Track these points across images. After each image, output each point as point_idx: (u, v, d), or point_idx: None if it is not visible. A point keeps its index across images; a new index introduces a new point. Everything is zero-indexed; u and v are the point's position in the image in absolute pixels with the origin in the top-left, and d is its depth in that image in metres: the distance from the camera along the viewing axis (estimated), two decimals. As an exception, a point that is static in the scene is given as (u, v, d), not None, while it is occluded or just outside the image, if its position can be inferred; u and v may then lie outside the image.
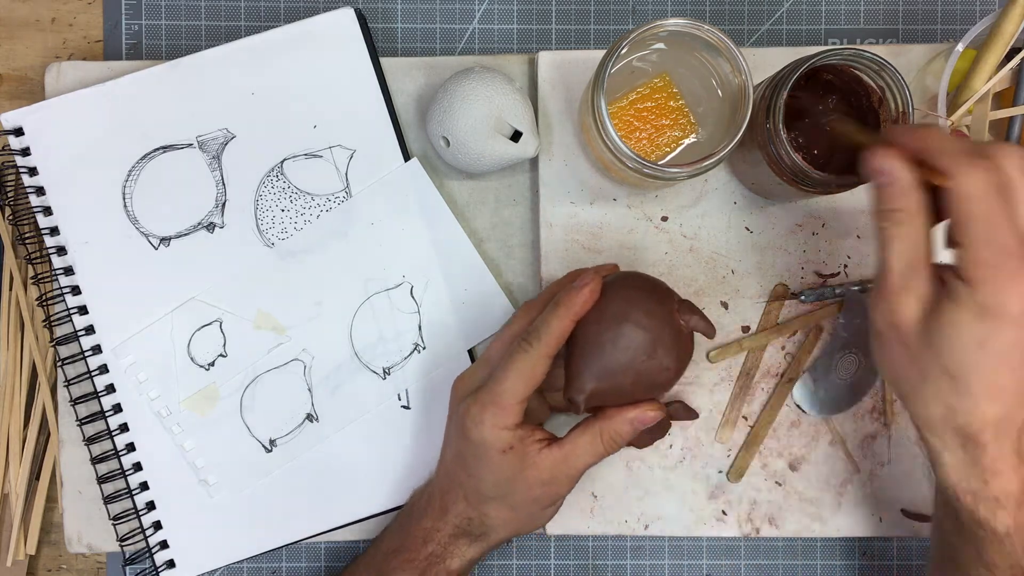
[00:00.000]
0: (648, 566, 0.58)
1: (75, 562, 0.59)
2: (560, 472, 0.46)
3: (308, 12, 0.59)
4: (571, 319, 0.45)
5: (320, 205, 0.56)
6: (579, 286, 0.45)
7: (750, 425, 0.55)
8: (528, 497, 0.47)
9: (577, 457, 0.46)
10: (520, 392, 0.45)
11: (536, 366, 0.45)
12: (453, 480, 0.49)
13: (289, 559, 0.58)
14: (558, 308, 0.45)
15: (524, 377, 0.45)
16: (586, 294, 0.45)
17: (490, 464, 0.46)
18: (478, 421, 0.45)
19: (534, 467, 0.46)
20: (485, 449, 0.46)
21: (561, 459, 0.46)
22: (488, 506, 0.47)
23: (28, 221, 0.56)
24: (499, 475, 0.46)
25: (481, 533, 0.49)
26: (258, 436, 0.56)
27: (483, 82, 0.51)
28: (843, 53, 0.46)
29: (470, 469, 0.47)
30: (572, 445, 0.46)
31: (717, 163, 0.47)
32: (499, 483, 0.46)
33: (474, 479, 0.47)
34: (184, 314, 0.56)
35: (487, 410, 0.45)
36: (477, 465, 0.46)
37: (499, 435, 0.45)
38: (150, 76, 0.56)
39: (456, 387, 0.50)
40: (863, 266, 0.55)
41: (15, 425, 0.57)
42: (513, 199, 0.57)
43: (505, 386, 0.45)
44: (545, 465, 0.46)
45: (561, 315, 0.45)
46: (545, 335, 0.45)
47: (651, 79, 0.49)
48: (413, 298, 0.56)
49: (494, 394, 0.45)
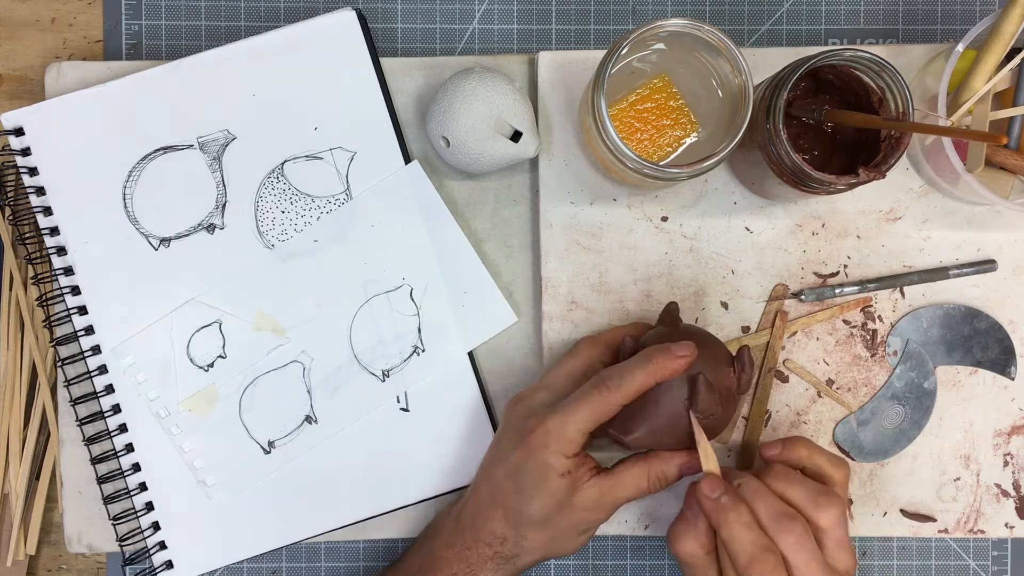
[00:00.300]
0: (648, 566, 0.58)
1: (75, 562, 0.59)
2: (605, 500, 0.48)
3: (308, 12, 0.59)
4: (656, 379, 0.46)
5: (320, 207, 0.56)
6: (678, 354, 0.46)
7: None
8: (570, 522, 0.48)
9: (622, 489, 0.48)
10: (587, 428, 0.47)
11: (608, 410, 0.46)
12: (496, 498, 0.49)
13: (289, 559, 0.58)
14: (648, 364, 0.46)
15: (595, 416, 0.46)
16: (680, 365, 0.46)
17: (546, 486, 0.47)
18: (543, 444, 0.47)
19: (582, 493, 0.47)
20: (545, 471, 0.47)
21: (608, 488, 0.48)
22: (529, 528, 0.48)
23: (28, 221, 0.56)
24: (550, 498, 0.47)
25: (512, 555, 0.49)
26: (257, 437, 0.56)
27: (483, 82, 0.51)
28: (843, 53, 0.46)
29: (522, 488, 0.47)
30: (620, 477, 0.48)
31: (717, 163, 0.47)
32: (547, 506, 0.47)
33: (523, 498, 0.47)
34: (184, 315, 0.56)
35: (552, 436, 0.47)
36: (532, 485, 0.47)
37: (559, 462, 0.47)
38: (150, 76, 0.56)
39: (515, 406, 0.51)
40: (863, 266, 0.55)
41: (15, 425, 0.57)
42: (513, 199, 0.57)
43: (576, 419, 0.46)
44: (592, 493, 0.47)
45: (649, 372, 0.46)
46: (627, 386, 0.46)
47: (650, 79, 0.49)
48: (413, 300, 0.56)
49: (563, 424, 0.46)
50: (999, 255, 0.56)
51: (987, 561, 0.58)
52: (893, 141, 0.47)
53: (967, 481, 0.56)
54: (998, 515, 0.56)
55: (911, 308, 0.56)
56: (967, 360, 0.55)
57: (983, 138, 0.44)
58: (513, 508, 0.48)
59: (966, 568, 0.58)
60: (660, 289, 0.55)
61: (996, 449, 0.56)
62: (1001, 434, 0.56)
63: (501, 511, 0.48)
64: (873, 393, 0.56)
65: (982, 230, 0.56)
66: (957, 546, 0.58)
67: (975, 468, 0.56)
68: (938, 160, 0.52)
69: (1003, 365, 0.55)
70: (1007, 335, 0.55)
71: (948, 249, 0.56)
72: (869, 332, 0.56)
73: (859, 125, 0.49)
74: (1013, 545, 0.58)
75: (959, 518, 0.56)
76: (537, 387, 0.51)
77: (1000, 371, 0.56)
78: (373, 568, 0.58)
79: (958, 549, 0.58)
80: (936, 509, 0.56)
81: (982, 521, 0.56)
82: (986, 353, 0.55)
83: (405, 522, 0.57)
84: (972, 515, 0.56)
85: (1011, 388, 0.56)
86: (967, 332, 0.55)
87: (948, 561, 0.58)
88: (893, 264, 0.56)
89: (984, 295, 0.55)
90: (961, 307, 0.55)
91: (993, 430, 0.56)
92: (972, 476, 0.56)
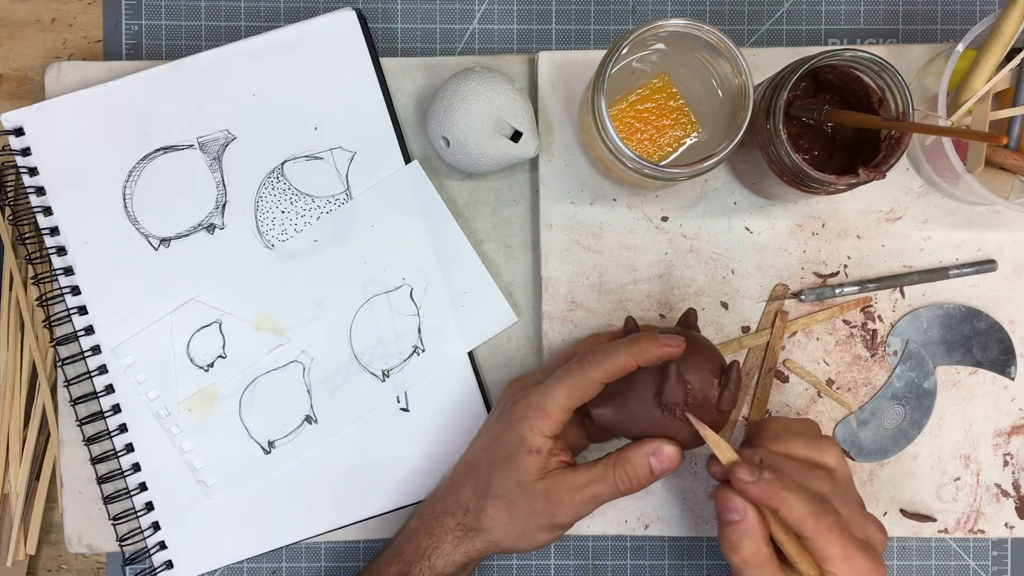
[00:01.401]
0: (648, 566, 0.58)
1: (75, 562, 0.59)
2: (565, 494, 0.47)
3: (308, 12, 0.59)
4: (637, 362, 0.46)
5: (320, 207, 0.56)
6: (664, 342, 0.46)
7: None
8: (530, 507, 0.47)
9: (586, 484, 0.47)
10: (564, 403, 0.46)
11: (587, 386, 0.46)
12: (470, 469, 0.50)
13: (289, 559, 0.58)
14: (632, 346, 0.46)
15: (575, 392, 0.46)
16: (664, 352, 0.46)
17: (515, 460, 0.47)
18: (523, 416, 0.47)
19: (547, 479, 0.47)
20: (517, 443, 0.47)
21: (571, 480, 0.47)
22: (489, 501, 0.48)
23: (28, 221, 0.56)
24: (514, 474, 0.47)
25: (472, 528, 0.49)
26: (257, 437, 0.56)
27: (483, 82, 0.51)
28: (843, 53, 0.46)
29: (493, 457, 0.48)
30: (586, 471, 0.47)
31: (717, 163, 0.47)
32: (511, 481, 0.47)
33: (492, 469, 0.48)
34: (184, 315, 0.56)
35: (532, 408, 0.47)
36: (503, 457, 0.47)
37: (533, 436, 0.47)
38: (151, 76, 0.56)
39: (510, 384, 0.52)
40: (863, 266, 0.55)
41: (15, 425, 0.57)
42: (513, 199, 0.57)
43: (556, 394, 0.46)
44: (554, 481, 0.47)
45: (632, 353, 0.46)
46: (608, 363, 0.46)
47: (650, 79, 0.49)
48: (413, 300, 0.56)
49: (544, 398, 0.47)
50: (999, 255, 0.56)
51: (987, 561, 0.58)
52: (893, 141, 0.47)
53: (967, 481, 0.56)
54: (998, 515, 0.56)
55: (911, 308, 0.56)
56: (967, 360, 0.55)
57: (983, 138, 0.44)
58: (483, 479, 0.48)
59: (966, 568, 0.58)
60: (660, 289, 0.55)
61: (996, 449, 0.56)
62: (1001, 434, 0.56)
63: (472, 481, 0.49)
64: (873, 393, 0.56)
65: (982, 230, 0.56)
66: (957, 546, 0.58)
67: (975, 468, 0.56)
68: (938, 160, 0.52)
69: (1003, 365, 0.55)
70: (1007, 335, 0.55)
71: (948, 249, 0.56)
72: (869, 332, 0.56)
73: (859, 125, 0.49)
74: (1013, 545, 0.58)
75: (959, 518, 0.56)
76: (537, 370, 0.52)
77: (1000, 371, 0.56)
78: (373, 568, 0.59)
79: (958, 549, 0.58)
80: (936, 509, 0.56)
81: (982, 521, 0.56)
82: (986, 353, 0.55)
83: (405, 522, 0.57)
84: (972, 515, 0.56)
85: (1011, 388, 0.56)
86: (967, 332, 0.55)
87: (948, 561, 0.58)
88: (893, 264, 0.56)
89: (984, 295, 0.55)
90: (961, 307, 0.55)
91: (993, 430, 0.56)
92: (972, 476, 0.56)
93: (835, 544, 0.42)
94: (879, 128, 0.48)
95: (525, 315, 0.57)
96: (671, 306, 0.55)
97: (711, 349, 0.49)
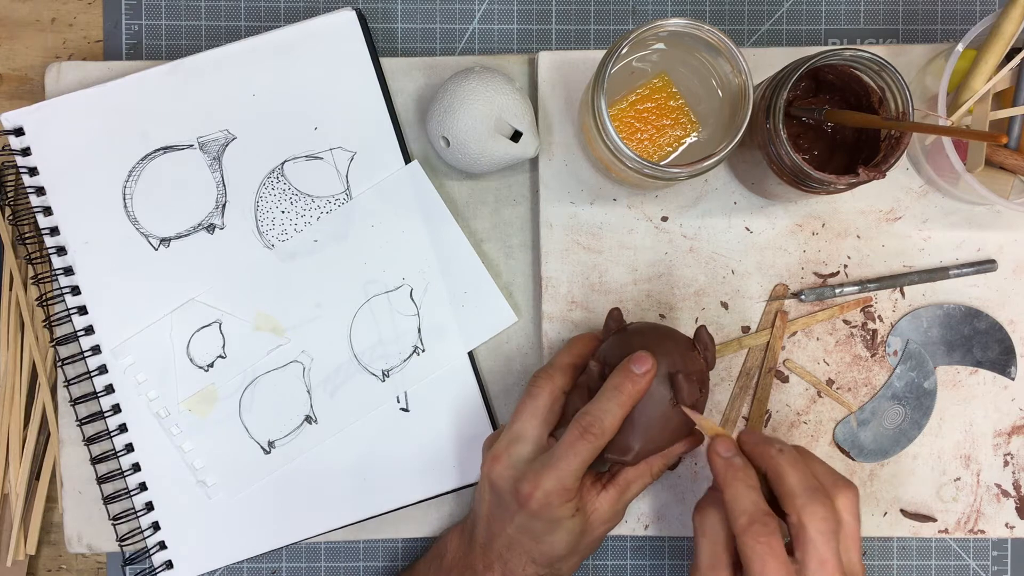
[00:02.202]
0: (648, 566, 0.58)
1: (75, 562, 0.59)
2: (620, 506, 0.50)
3: (308, 12, 0.59)
4: (632, 405, 0.47)
5: (320, 207, 0.56)
6: (640, 373, 0.46)
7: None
8: (595, 536, 0.49)
9: (629, 490, 0.49)
10: (581, 474, 0.47)
11: (597, 451, 0.47)
12: (515, 549, 0.48)
13: (289, 559, 0.58)
14: (620, 396, 0.46)
15: (586, 463, 0.47)
16: (647, 381, 0.47)
17: (562, 528, 0.47)
18: (547, 504, 0.46)
19: (597, 512, 0.49)
20: (557, 521, 0.47)
21: (617, 496, 0.49)
22: (562, 562, 0.49)
23: (28, 221, 0.56)
24: (570, 535, 0.48)
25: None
26: (257, 437, 0.56)
27: (483, 82, 0.51)
28: (843, 53, 0.46)
29: (540, 538, 0.48)
30: (625, 481, 0.49)
31: (717, 163, 0.47)
32: (571, 542, 0.48)
33: (546, 545, 0.48)
34: (184, 315, 0.56)
35: (552, 495, 0.46)
36: (548, 532, 0.47)
37: (567, 508, 0.47)
38: (150, 76, 0.56)
39: (494, 465, 0.48)
40: (863, 266, 0.55)
41: (15, 425, 0.57)
42: (513, 199, 0.57)
43: (569, 473, 0.46)
44: (605, 507, 0.49)
45: (624, 403, 0.46)
46: (609, 425, 0.46)
47: (650, 79, 0.49)
48: (413, 300, 0.56)
49: (559, 482, 0.46)
50: (999, 255, 0.56)
51: (987, 561, 0.58)
52: (893, 141, 0.47)
53: (967, 481, 0.56)
54: (998, 515, 0.56)
55: (911, 308, 0.56)
56: (967, 360, 0.55)
57: (983, 138, 0.44)
58: (541, 553, 0.48)
59: (966, 568, 0.58)
60: (660, 289, 0.55)
61: (996, 449, 0.56)
62: (1001, 434, 0.56)
63: (528, 557, 0.48)
64: (873, 393, 0.56)
65: (982, 230, 0.56)
66: (957, 546, 0.58)
67: (975, 468, 0.56)
68: (938, 160, 0.52)
69: (1003, 365, 0.55)
70: (1007, 335, 0.55)
71: (948, 249, 0.56)
72: (869, 332, 0.56)
73: (859, 125, 0.49)
74: (1013, 545, 0.58)
75: (959, 518, 0.56)
76: (510, 438, 0.48)
77: (1000, 371, 0.56)
78: (373, 568, 0.58)
79: (958, 549, 0.58)
80: (936, 509, 0.56)
81: (982, 521, 0.56)
82: (986, 353, 0.55)
83: (405, 522, 0.57)
84: (972, 515, 0.56)
85: (1011, 388, 0.56)
86: (967, 332, 0.55)
87: (948, 561, 0.58)
88: (893, 264, 0.56)
89: (984, 295, 0.55)
90: (961, 307, 0.55)
91: (993, 430, 0.56)
92: (972, 476, 0.56)
93: (823, 542, 0.41)
94: (879, 128, 0.48)
95: (525, 315, 0.57)
96: (671, 306, 0.55)
97: (670, 331, 0.50)
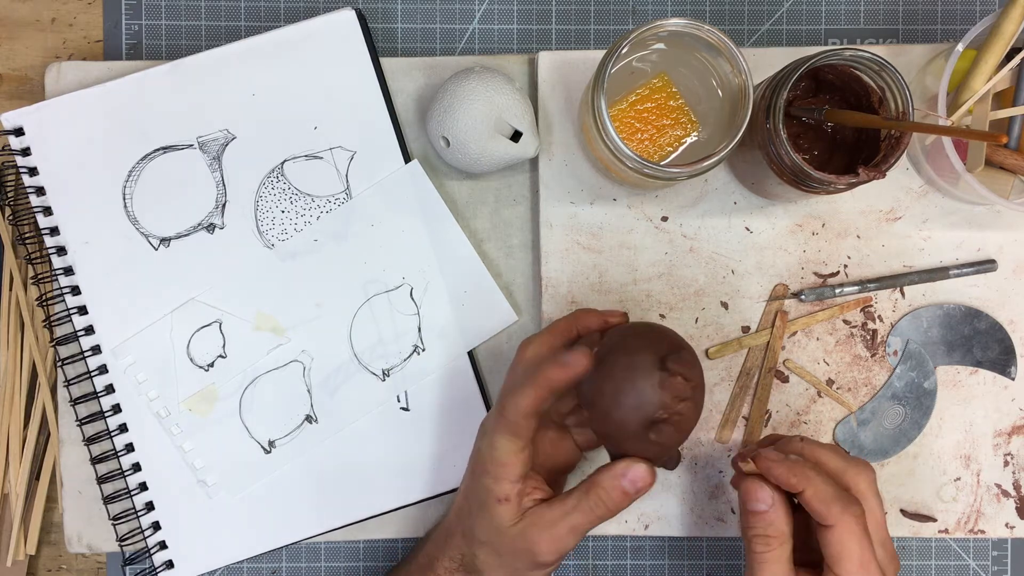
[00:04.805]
0: (648, 566, 0.58)
1: (75, 562, 0.59)
2: (543, 532, 0.45)
3: (308, 12, 0.59)
4: (544, 395, 0.44)
5: (320, 206, 0.56)
6: (563, 362, 0.44)
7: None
8: (512, 550, 0.46)
9: (561, 518, 0.45)
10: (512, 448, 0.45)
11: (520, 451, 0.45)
12: (460, 512, 0.50)
13: (289, 559, 0.58)
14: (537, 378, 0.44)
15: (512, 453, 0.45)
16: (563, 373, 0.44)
17: (488, 510, 0.46)
18: (483, 469, 0.46)
19: (525, 519, 0.46)
20: (485, 495, 0.46)
21: (547, 516, 0.45)
22: (479, 548, 0.48)
23: (28, 221, 0.56)
24: (490, 523, 0.46)
25: (474, 570, 0.49)
26: (257, 437, 0.56)
27: (483, 82, 0.51)
28: (843, 53, 0.46)
29: (472, 509, 0.48)
30: (560, 504, 0.45)
31: (717, 163, 0.47)
32: (489, 530, 0.47)
33: (473, 519, 0.48)
34: (184, 315, 0.56)
35: (487, 460, 0.46)
36: (478, 507, 0.47)
37: (499, 486, 0.46)
38: (150, 76, 0.56)
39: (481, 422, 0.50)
40: (863, 266, 0.55)
41: (15, 425, 0.57)
42: (513, 199, 0.57)
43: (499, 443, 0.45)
44: (531, 521, 0.45)
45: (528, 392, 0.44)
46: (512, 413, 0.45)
47: (650, 79, 0.49)
48: (413, 300, 0.56)
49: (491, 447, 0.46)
50: (999, 255, 0.56)
51: (987, 561, 0.58)
52: (893, 141, 0.47)
53: (967, 481, 0.56)
54: (998, 515, 0.56)
55: (911, 308, 0.56)
56: (967, 360, 0.55)
57: (983, 138, 0.44)
58: (468, 526, 0.48)
59: (966, 568, 0.58)
60: (660, 289, 0.55)
61: (996, 449, 0.56)
62: (1001, 434, 0.56)
63: (461, 527, 0.49)
64: (873, 393, 0.56)
65: (982, 230, 0.56)
66: (957, 546, 0.58)
67: (975, 468, 0.56)
68: (938, 160, 0.52)
69: (1003, 365, 0.55)
70: (1007, 335, 0.55)
71: (948, 249, 0.56)
72: (869, 332, 0.56)
73: (859, 125, 0.49)
74: (1013, 545, 0.58)
75: (959, 518, 0.56)
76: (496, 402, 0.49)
77: (1000, 371, 0.56)
78: (373, 568, 0.58)
79: (958, 549, 0.58)
80: (936, 509, 0.56)
81: (982, 521, 0.56)
82: (986, 353, 0.55)
83: (405, 522, 0.57)
84: (972, 515, 0.56)
85: (1011, 388, 0.56)
86: (967, 332, 0.55)
87: (948, 561, 0.58)
88: (893, 264, 0.56)
89: (984, 295, 0.55)
90: (961, 307, 0.55)
91: (993, 430, 0.56)
92: (972, 476, 0.56)
93: (855, 542, 0.42)
94: (879, 128, 0.48)
95: (525, 315, 0.57)
96: (671, 306, 0.55)
97: (653, 331, 0.47)
